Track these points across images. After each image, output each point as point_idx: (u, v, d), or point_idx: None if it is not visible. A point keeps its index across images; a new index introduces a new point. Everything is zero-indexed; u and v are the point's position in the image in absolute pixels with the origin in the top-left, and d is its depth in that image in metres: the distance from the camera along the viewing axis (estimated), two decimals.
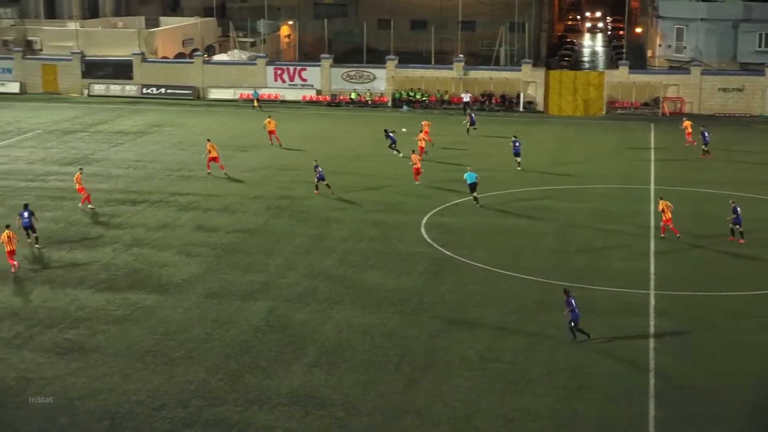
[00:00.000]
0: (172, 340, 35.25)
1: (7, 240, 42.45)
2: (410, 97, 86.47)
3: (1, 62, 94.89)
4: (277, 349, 34.49)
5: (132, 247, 45.91)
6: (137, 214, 51.56)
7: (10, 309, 38.11)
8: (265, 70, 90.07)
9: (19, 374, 32.39)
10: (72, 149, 68.06)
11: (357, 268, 43.10)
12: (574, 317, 35.12)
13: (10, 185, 57.34)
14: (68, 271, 42.60)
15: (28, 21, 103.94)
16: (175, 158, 64.89)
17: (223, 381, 31.98)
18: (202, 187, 56.89)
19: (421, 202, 53.33)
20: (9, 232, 42.85)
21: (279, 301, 39.05)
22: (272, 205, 53.28)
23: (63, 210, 52.01)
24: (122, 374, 32.46)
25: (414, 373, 32.70)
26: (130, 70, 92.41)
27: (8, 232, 42.80)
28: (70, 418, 29.60)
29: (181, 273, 42.39)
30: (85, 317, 37.34)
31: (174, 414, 29.79)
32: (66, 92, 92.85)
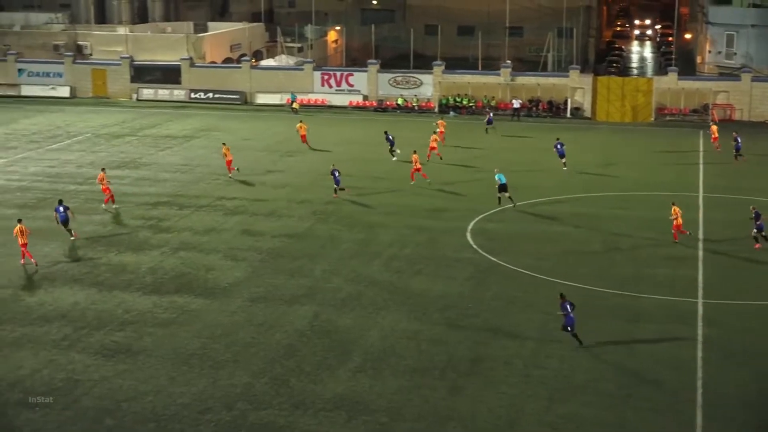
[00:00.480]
0: (217, 343, 35.41)
1: (19, 234, 43.63)
2: (457, 103, 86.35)
3: (52, 67, 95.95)
4: (321, 353, 34.54)
5: (179, 251, 46.20)
6: (184, 217, 51.88)
7: (59, 311, 38.47)
8: (312, 76, 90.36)
9: (66, 375, 32.68)
10: (120, 153, 68.64)
11: (402, 274, 43.07)
12: (569, 322, 35.00)
13: (60, 188, 57.93)
14: (116, 273, 42.94)
15: (79, 26, 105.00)
16: (222, 162, 65.00)
17: (268, 385, 32.07)
18: (249, 192, 57.14)
19: (467, 208, 53.19)
20: (21, 226, 44.19)
21: (324, 305, 39.11)
22: (318, 210, 53.39)
23: (111, 213, 52.42)
24: (168, 377, 32.66)
25: (458, 379, 32.62)
26: (179, 74, 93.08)
27: (20, 226, 44.17)
28: (116, 419, 29.82)
29: (227, 277, 42.59)
30: (132, 320, 37.62)
31: (219, 417, 29.91)
32: (115, 96, 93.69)
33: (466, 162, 65.65)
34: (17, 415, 29.91)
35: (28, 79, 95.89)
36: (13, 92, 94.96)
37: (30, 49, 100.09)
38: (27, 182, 59.51)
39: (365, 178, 60.10)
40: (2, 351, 34.59)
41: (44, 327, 36.78)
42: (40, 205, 53.95)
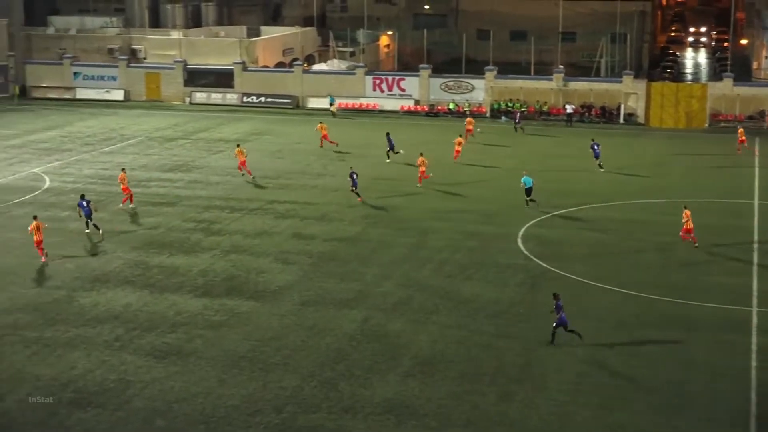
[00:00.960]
0: (267, 346, 35.49)
1: (36, 230, 44.57)
2: (509, 108, 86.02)
3: (106, 70, 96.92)
4: (371, 358, 34.50)
5: (230, 254, 46.39)
6: (236, 221, 52.10)
7: (112, 312, 38.77)
8: (364, 80, 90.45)
9: (119, 376, 32.91)
10: (173, 156, 69.14)
11: (453, 279, 42.94)
12: (562, 321, 35.33)
13: (113, 190, 58.38)
14: (168, 276, 43.20)
15: (133, 30, 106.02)
16: (273, 166, 65.47)
17: (318, 388, 32.08)
18: (300, 195, 57.28)
19: (518, 214, 52.93)
20: (37, 222, 45.16)
21: (374, 310, 39.06)
22: (369, 214, 53.39)
23: (164, 216, 52.82)
24: (218, 379, 32.78)
25: (509, 385, 32.42)
26: (231, 78, 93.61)
27: (36, 222, 45.13)
28: (167, 421, 29.97)
29: (278, 280, 42.69)
30: (183, 322, 37.82)
31: (268, 420, 29.96)
32: (168, 100, 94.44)
33: (518, 168, 65.27)
34: (69, 415, 30.16)
35: (83, 82, 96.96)
36: (68, 95, 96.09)
37: (85, 53, 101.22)
38: (81, 184, 60.07)
39: (416, 182, 59.98)
40: (56, 351, 34.91)
41: (97, 328, 37.08)
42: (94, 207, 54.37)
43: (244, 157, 61.95)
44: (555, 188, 58.50)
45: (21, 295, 40.69)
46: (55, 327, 37.16)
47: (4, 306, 39.36)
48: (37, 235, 44.69)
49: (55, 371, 33.26)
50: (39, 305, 39.49)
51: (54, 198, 56.67)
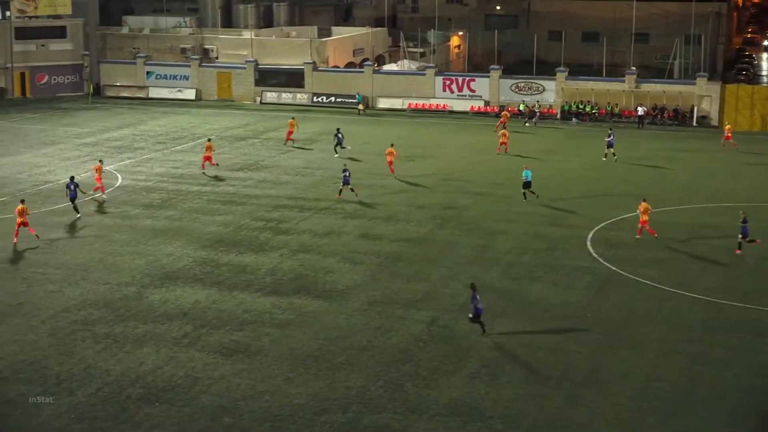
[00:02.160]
0: (334, 345, 35.59)
1: (19, 213, 47.41)
2: (579, 110, 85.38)
3: (179, 69, 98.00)
4: (437, 359, 34.43)
5: (298, 253, 46.61)
6: (304, 220, 52.33)
7: (180, 309, 39.16)
8: (434, 81, 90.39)
9: (186, 373, 33.21)
10: (243, 155, 69.64)
11: (520, 281, 42.72)
12: (478, 312, 36.17)
13: (184, 189, 59.04)
14: (236, 274, 43.52)
15: (206, 30, 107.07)
16: (341, 166, 65.52)
17: (384, 388, 32.09)
18: (368, 196, 57.34)
19: (588, 216, 52.52)
20: (23, 206, 47.96)
21: (441, 311, 38.99)
22: (437, 215, 53.33)
23: (233, 215, 53.21)
24: (285, 377, 32.93)
25: (575, 388, 32.16)
26: (302, 78, 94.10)
27: (22, 205, 47.93)
28: (234, 418, 30.18)
29: (345, 280, 42.80)
30: (251, 320, 38.07)
31: (334, 419, 30.03)
32: (239, 99, 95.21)
33: (587, 170, 64.88)
34: (138, 410, 30.50)
35: (156, 81, 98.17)
36: (141, 94, 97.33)
37: (158, 53, 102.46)
38: (152, 182, 60.81)
39: (485, 184, 59.88)
40: (125, 347, 35.34)
41: (166, 324, 37.48)
42: (165, 205, 55.05)
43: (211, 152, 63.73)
44: (625, 191, 58.00)
45: (92, 291, 41.26)
46: (125, 323, 37.62)
47: (75, 302, 39.95)
48: (20, 217, 47.37)
49: (124, 367, 33.67)
50: (109, 301, 40.02)
51: (126, 195, 57.39)
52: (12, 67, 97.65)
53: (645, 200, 49.00)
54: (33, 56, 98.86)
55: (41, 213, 53.33)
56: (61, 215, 52.88)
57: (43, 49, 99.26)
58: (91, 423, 29.76)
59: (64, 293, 40.97)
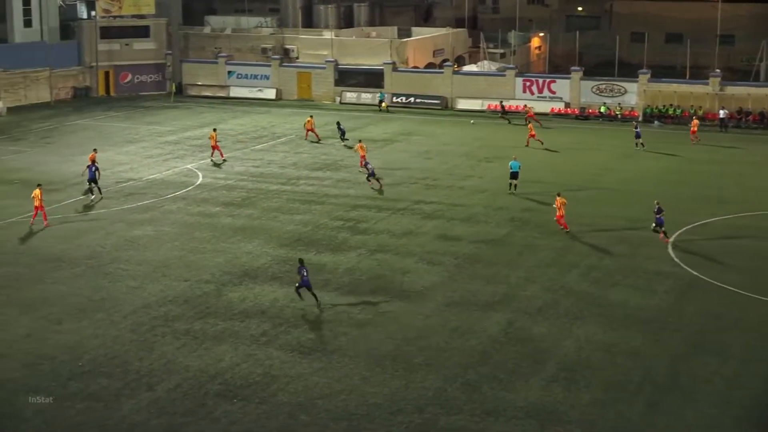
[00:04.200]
0: (411, 346, 35.54)
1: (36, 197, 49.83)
2: (662, 112, 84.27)
3: (259, 69, 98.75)
4: (515, 361, 34.21)
5: (376, 253, 46.64)
6: (382, 220, 52.35)
7: (259, 307, 39.40)
8: (514, 82, 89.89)
9: (264, 371, 33.41)
10: (322, 155, 69.90)
11: (600, 285, 42.25)
12: (305, 283, 38.95)
13: (263, 187, 59.44)
14: (314, 273, 43.54)
15: (287, 30, 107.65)
16: (421, 166, 65.60)
17: (460, 390, 31.96)
18: (447, 196, 57.22)
19: (669, 220, 51.67)
20: (39, 190, 50.22)
21: (519, 313, 38.74)
22: (516, 216, 53.00)
23: (311, 214, 53.42)
24: (362, 377, 32.96)
25: (655, 394, 31.71)
26: (381, 78, 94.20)
27: (38, 190, 50.19)
28: (310, 416, 30.28)
29: (423, 280, 42.72)
30: (329, 319, 38.18)
31: (410, 420, 29.97)
32: (319, 99, 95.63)
33: (669, 174, 64.01)
34: (216, 407, 30.76)
35: (237, 81, 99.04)
36: (222, 93, 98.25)
37: (239, 52, 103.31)
38: (232, 181, 61.32)
39: (566, 187, 59.30)
40: (204, 344, 35.67)
41: (244, 322, 37.74)
42: (244, 204, 55.47)
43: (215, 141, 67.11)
44: (708, 195, 57.13)
45: (172, 287, 41.73)
46: (204, 320, 37.98)
47: (156, 298, 40.44)
48: (36, 201, 49.78)
49: (203, 363, 33.99)
50: (189, 298, 40.43)
51: (206, 194, 57.94)
52: (97, 66, 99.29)
53: (560, 195, 50.34)
54: (117, 55, 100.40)
55: (123, 210, 54.09)
56: (143, 212, 53.59)
57: (126, 49, 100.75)
58: (170, 418, 30.08)
59: (145, 289, 41.50)
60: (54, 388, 32.00)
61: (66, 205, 55.30)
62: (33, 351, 35.01)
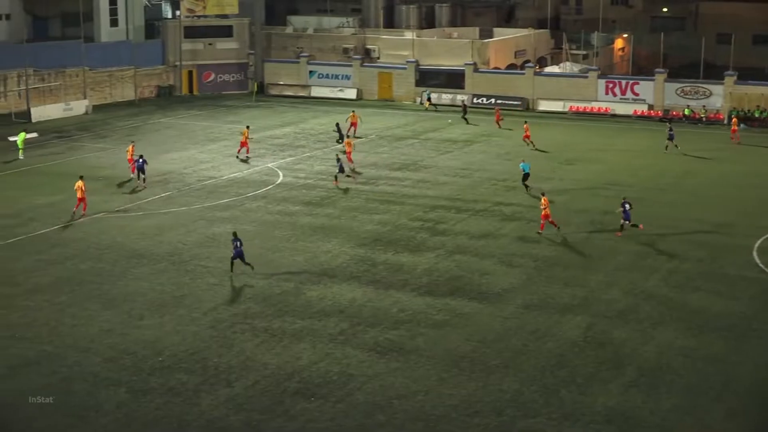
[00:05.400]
0: (489, 348, 35.39)
1: (79, 189, 51.70)
2: (748, 115, 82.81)
3: (340, 69, 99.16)
4: (593, 365, 33.88)
5: (454, 254, 46.53)
6: (461, 221, 52.21)
7: (337, 306, 39.55)
8: (596, 83, 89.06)
9: (341, 369, 33.52)
10: (402, 155, 69.92)
11: (681, 289, 41.66)
12: (237, 254, 42.63)
13: (343, 187, 59.59)
14: (392, 273, 43.71)
15: (368, 30, 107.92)
16: (501, 168, 65.30)
17: (538, 393, 31.75)
18: (527, 199, 56.87)
19: (754, 225, 50.87)
20: (81, 182, 52.03)
21: (598, 317, 38.35)
22: (596, 219, 52.50)
23: (390, 214, 53.46)
24: (439, 378, 32.91)
25: (737, 402, 31.18)
26: (462, 79, 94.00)
27: (81, 182, 52.01)
28: (387, 416, 30.30)
29: (501, 282, 42.52)
30: (406, 319, 38.17)
31: (487, 421, 29.86)
32: (399, 99, 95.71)
33: (754, 177, 62.88)
34: (294, 405, 30.94)
35: (318, 80, 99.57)
36: (303, 93, 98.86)
37: (321, 52, 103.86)
38: (312, 180, 61.63)
39: (646, 189, 58.71)
40: (283, 341, 35.89)
41: (322, 321, 37.91)
42: (323, 203, 55.72)
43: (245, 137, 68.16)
44: None
45: (252, 285, 42.06)
46: (282, 318, 38.22)
47: (236, 295, 40.80)
48: (80, 193, 51.71)
49: (281, 361, 34.21)
50: (268, 296, 40.72)
51: (286, 192, 58.31)
52: (180, 65, 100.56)
53: (544, 194, 50.49)
54: (200, 55, 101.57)
55: (204, 207, 54.68)
56: (224, 210, 54.11)
57: (210, 48, 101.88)
58: (248, 415, 30.32)
59: (225, 287, 41.91)
60: (135, 383, 32.47)
61: (149, 202, 56.06)
62: (114, 345, 35.58)
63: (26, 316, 38.43)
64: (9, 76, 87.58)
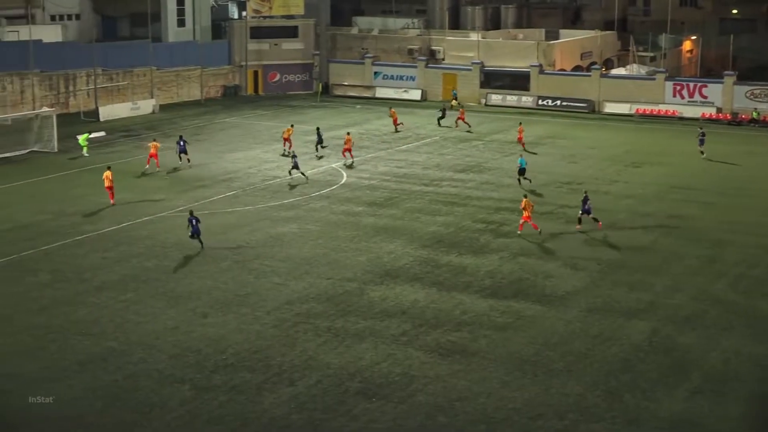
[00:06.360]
0: (552, 351, 35.14)
1: (107, 179, 54.37)
2: None
3: (405, 70, 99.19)
4: (658, 370, 33.48)
5: (518, 256, 46.27)
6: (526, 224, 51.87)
7: (400, 307, 39.51)
8: (664, 86, 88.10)
9: (403, 370, 33.47)
10: (466, 157, 69.72)
11: (749, 295, 41.04)
12: (195, 231, 45.99)
13: (406, 188, 59.61)
14: (455, 275, 43.58)
15: (434, 31, 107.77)
16: (565, 170, 64.86)
17: (601, 398, 31.45)
18: (592, 201, 56.10)
19: None
20: (109, 172, 54.82)
21: (664, 322, 37.90)
22: (662, 223, 51.92)
23: (454, 215, 53.32)
24: (501, 380, 32.73)
25: None
26: (527, 81, 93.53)
27: (108, 172, 54.78)
28: (448, 418, 30.21)
29: (566, 285, 42.19)
30: (469, 321, 38.02)
31: (550, 425, 29.63)
32: (464, 101, 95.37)
33: None
34: (356, 405, 30.94)
35: (383, 81, 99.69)
36: (368, 94, 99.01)
37: (386, 53, 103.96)
38: (376, 181, 61.68)
39: (713, 194, 57.99)
40: (345, 341, 35.94)
41: (385, 321, 37.89)
42: (387, 204, 55.72)
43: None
44: None
45: (315, 285, 42.19)
46: (345, 318, 38.27)
47: (299, 294, 40.94)
48: (107, 182, 54.42)
49: (343, 360, 34.25)
50: (331, 296, 40.80)
51: (349, 193, 58.41)
52: (246, 65, 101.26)
53: (526, 197, 51.41)
54: (266, 55, 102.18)
55: (269, 207, 54.97)
56: (288, 210, 54.33)
57: (275, 48, 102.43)
58: (310, 413, 30.39)
59: (288, 286, 42.07)
60: (198, 380, 32.71)
61: (213, 201, 56.49)
62: (179, 343, 35.86)
63: (93, 313, 38.90)
64: (78, 76, 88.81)
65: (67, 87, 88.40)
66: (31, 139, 71.67)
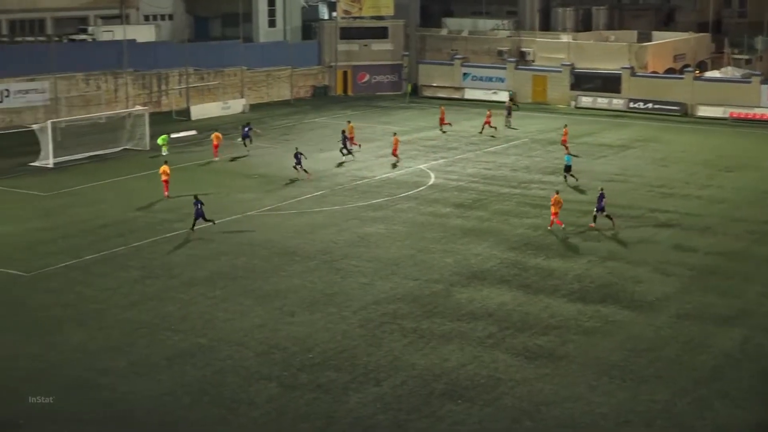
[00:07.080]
0: (640, 357, 34.68)
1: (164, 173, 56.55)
2: None
3: (494, 71, 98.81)
4: (749, 379, 32.86)
5: (607, 260, 45.77)
6: None
7: (486, 309, 39.35)
8: (759, 89, 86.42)
9: (489, 373, 33.32)
10: (555, 159, 69.11)
11: None
12: (199, 214, 49.04)
13: (494, 190, 59.37)
14: (543, 278, 43.27)
15: (524, 33, 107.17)
16: (657, 174, 64.03)
17: (691, 405, 30.95)
18: (683, 206, 55.59)
19: None
20: (166, 166, 56.95)
21: (756, 329, 37.18)
22: (755, 229, 50.96)
23: (542, 218, 52.90)
24: (588, 385, 32.40)
25: None
26: (618, 83, 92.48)
27: (166, 166, 56.94)
28: (534, 422, 30.00)
29: (655, 291, 41.62)
30: (556, 325, 37.72)
31: None
32: (554, 103, 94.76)
33: None
34: (441, 406, 30.89)
35: (472, 82, 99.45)
36: (457, 95, 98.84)
37: (475, 54, 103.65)
38: (464, 182, 61.52)
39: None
40: (431, 343, 35.89)
41: (471, 324, 37.76)
42: (475, 206, 55.56)
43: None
44: None
45: (402, 285, 42.21)
46: (431, 319, 38.23)
47: (386, 295, 41.00)
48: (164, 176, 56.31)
49: (429, 362, 34.20)
50: (418, 297, 40.79)
51: (437, 194, 58.35)
52: (336, 65, 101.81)
53: (558, 192, 51.85)
54: (355, 55, 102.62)
55: (357, 207, 55.14)
56: (376, 210, 54.46)
57: (365, 49, 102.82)
58: (395, 414, 30.42)
59: (375, 286, 42.15)
60: (285, 378, 32.94)
61: (301, 200, 56.87)
62: (266, 341, 36.16)
63: (182, 309, 39.42)
64: (171, 75, 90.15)
65: (159, 86, 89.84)
66: (124, 138, 72.91)
